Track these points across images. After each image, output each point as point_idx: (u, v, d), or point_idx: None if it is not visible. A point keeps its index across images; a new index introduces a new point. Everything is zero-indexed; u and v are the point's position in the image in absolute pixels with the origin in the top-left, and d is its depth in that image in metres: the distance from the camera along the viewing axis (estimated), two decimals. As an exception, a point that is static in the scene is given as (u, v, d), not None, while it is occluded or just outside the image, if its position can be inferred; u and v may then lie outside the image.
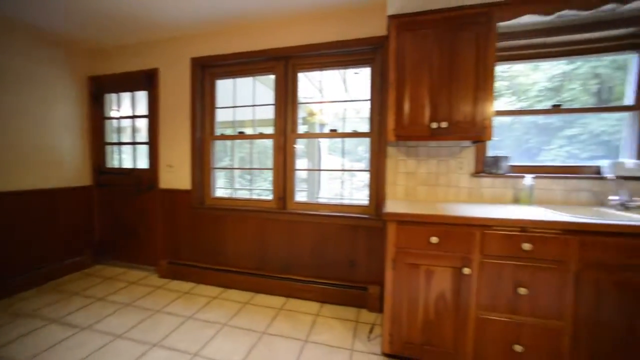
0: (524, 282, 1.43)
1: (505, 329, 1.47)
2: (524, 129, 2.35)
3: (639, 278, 1.31)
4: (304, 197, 4.20)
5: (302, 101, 2.86)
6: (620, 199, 1.69)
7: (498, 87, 2.35)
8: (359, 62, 2.35)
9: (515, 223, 1.42)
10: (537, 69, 2.31)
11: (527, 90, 2.31)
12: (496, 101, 2.28)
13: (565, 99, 2.22)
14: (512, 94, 2.34)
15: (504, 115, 2.09)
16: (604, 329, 1.37)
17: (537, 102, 2.27)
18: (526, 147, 2.31)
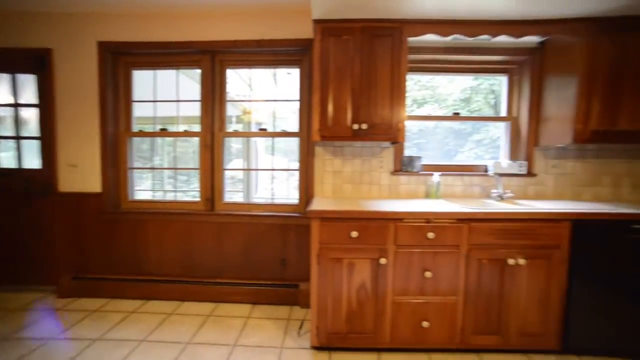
0: (429, 266, 1.64)
1: (415, 309, 1.67)
2: (444, 134, 2.70)
3: (504, 254, 1.63)
4: (240, 197, 4.07)
5: (231, 98, 2.77)
6: (498, 192, 2.07)
7: (424, 95, 2.65)
8: (288, 62, 2.38)
9: (422, 215, 1.61)
10: (452, 82, 2.66)
11: (446, 100, 2.65)
12: (422, 108, 2.59)
13: (473, 109, 2.62)
14: (434, 102, 2.66)
15: (414, 119, 2.35)
16: (483, 296, 1.66)
17: (454, 109, 2.58)
18: (446, 149, 2.65)
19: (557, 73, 2.04)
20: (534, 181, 2.25)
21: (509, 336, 1.69)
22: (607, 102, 1.86)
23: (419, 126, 2.58)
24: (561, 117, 1.99)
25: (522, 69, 2.28)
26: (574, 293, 1.67)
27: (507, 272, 1.65)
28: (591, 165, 2.25)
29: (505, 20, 1.88)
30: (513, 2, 1.68)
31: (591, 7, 1.74)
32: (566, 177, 2.25)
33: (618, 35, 1.84)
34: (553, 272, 1.66)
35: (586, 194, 2.25)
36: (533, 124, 2.23)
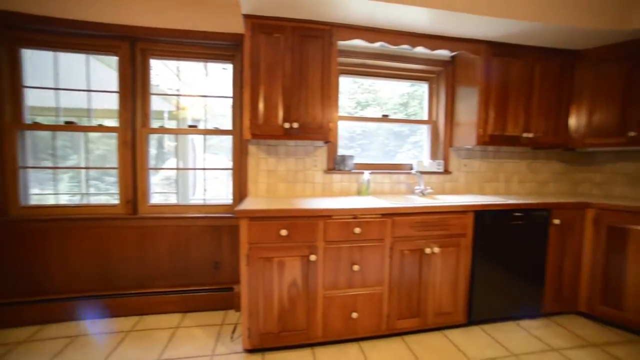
0: (357, 260, 1.73)
1: (345, 301, 1.74)
2: (385, 135, 2.85)
3: (422, 244, 1.81)
4: (176, 199, 3.78)
5: (160, 92, 2.55)
6: (420, 188, 2.29)
7: (366, 98, 2.78)
8: (220, 57, 2.27)
9: (349, 212, 1.69)
10: (392, 87, 2.81)
11: (386, 103, 2.80)
12: (365, 110, 2.69)
13: (409, 112, 2.82)
14: (376, 105, 2.78)
15: (346, 120, 2.44)
16: (405, 284, 1.82)
17: (393, 113, 2.76)
18: (387, 150, 2.79)
19: (465, 84, 2.33)
20: (450, 178, 2.54)
21: (427, 317, 1.88)
22: (499, 112, 2.20)
23: (363, 127, 2.70)
24: (468, 123, 2.28)
25: (439, 78, 2.55)
26: (476, 273, 1.93)
27: (425, 260, 1.84)
28: (491, 164, 2.63)
29: (422, 34, 2.08)
30: (426, 18, 1.87)
31: (486, 32, 2.03)
32: (474, 174, 2.60)
33: (505, 57, 2.19)
34: (461, 257, 1.90)
35: (488, 188, 2.63)
36: (448, 127, 2.51)
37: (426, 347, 1.80)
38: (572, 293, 2.14)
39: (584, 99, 2.32)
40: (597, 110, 2.27)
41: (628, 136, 2.16)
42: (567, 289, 2.13)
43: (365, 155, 2.63)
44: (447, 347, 1.81)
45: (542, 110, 2.31)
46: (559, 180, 2.81)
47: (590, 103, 2.29)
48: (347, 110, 2.61)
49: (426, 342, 1.84)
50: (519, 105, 2.25)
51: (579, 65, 2.33)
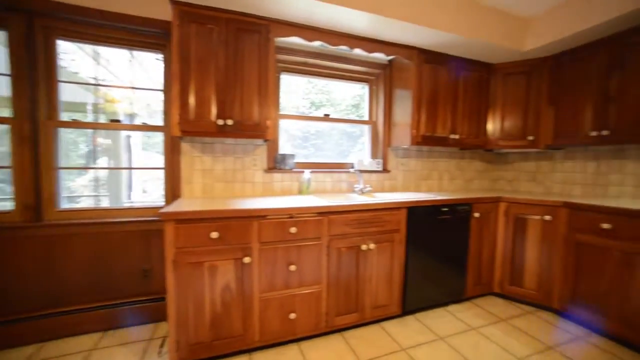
0: (294, 260, 1.71)
1: (283, 302, 1.71)
2: (339, 135, 2.85)
3: (359, 241, 1.87)
4: (107, 202, 3.37)
5: (71, 80, 2.22)
6: (360, 186, 2.37)
7: (320, 99, 2.77)
8: (150, 46, 2.06)
9: (284, 211, 1.66)
10: (344, 89, 2.85)
11: (340, 104, 2.82)
12: (319, 110, 2.66)
13: (360, 114, 2.87)
14: (330, 105, 2.79)
15: (286, 119, 2.40)
16: (343, 281, 1.86)
17: (346, 114, 2.83)
18: (341, 150, 2.81)
19: (400, 87, 2.47)
20: (389, 176, 2.67)
21: (365, 311, 1.95)
22: (430, 114, 2.38)
23: (317, 128, 2.71)
24: (404, 124, 2.43)
25: (378, 80, 2.67)
26: (409, 266, 2.06)
27: (362, 256, 1.90)
28: (426, 163, 2.84)
29: (360, 36, 2.15)
30: (362, 21, 1.93)
31: (417, 39, 2.17)
32: (411, 173, 2.78)
33: (434, 64, 2.38)
34: (395, 251, 2.00)
35: (423, 185, 2.84)
36: (387, 127, 2.64)
37: (364, 341, 1.85)
38: (489, 277, 2.42)
39: (497, 107, 2.63)
40: (506, 117, 2.60)
41: (528, 140, 2.51)
42: (485, 274, 2.40)
43: (320, 155, 2.67)
44: (383, 338, 1.89)
45: (466, 114, 2.55)
46: (481, 177, 3.16)
47: (502, 110, 2.61)
48: (301, 109, 2.62)
49: (364, 336, 1.91)
50: (447, 109, 2.46)
51: (493, 76, 2.63)
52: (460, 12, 2.12)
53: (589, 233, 1.95)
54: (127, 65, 3.13)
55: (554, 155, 2.71)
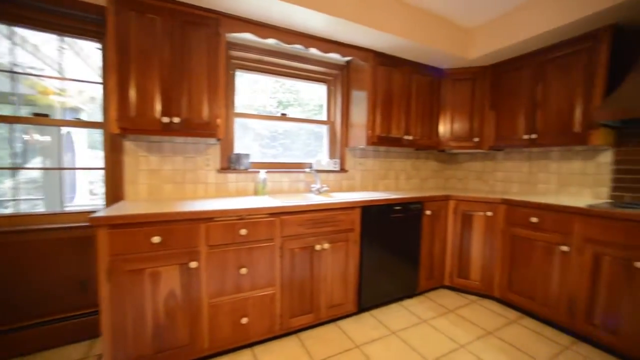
0: (245, 262, 1.66)
1: (234, 307, 1.65)
2: (307, 136, 2.80)
3: (313, 241, 1.87)
4: (42, 207, 3.01)
5: None
6: (317, 186, 2.38)
7: (287, 98, 2.71)
8: (82, 32, 1.87)
9: (234, 213, 1.61)
10: (312, 89, 2.81)
11: (308, 104, 2.79)
12: (286, 110, 2.60)
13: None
14: (298, 105, 2.75)
15: (241, 117, 2.33)
16: (297, 282, 1.85)
17: (314, 114, 2.80)
18: (308, 150, 2.78)
19: (357, 88, 2.52)
20: (346, 176, 2.72)
21: (321, 311, 1.95)
22: (385, 115, 2.46)
23: (285, 127, 2.66)
24: (360, 124, 2.48)
25: (336, 81, 2.69)
26: (364, 264, 2.10)
27: (316, 257, 1.90)
28: (383, 163, 2.93)
29: (315, 36, 2.15)
30: (317, 21, 1.94)
31: (372, 42, 2.23)
32: (368, 172, 2.85)
33: (388, 67, 2.46)
34: (350, 250, 2.03)
35: (381, 185, 2.92)
36: (344, 128, 2.68)
37: (319, 341, 1.86)
38: (440, 271, 2.55)
39: (447, 110, 2.79)
40: (455, 120, 2.77)
41: (474, 141, 2.70)
42: (436, 268, 2.53)
43: (289, 155, 2.64)
44: (339, 336, 1.91)
45: (419, 116, 2.68)
46: (435, 176, 3.33)
47: (452, 113, 2.78)
48: (268, 109, 2.57)
49: (320, 336, 1.91)
50: (401, 110, 2.56)
51: (443, 81, 2.79)
52: (412, 19, 2.22)
53: (521, 226, 2.14)
54: (60, 53, 2.83)
55: (496, 156, 2.95)
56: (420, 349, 1.78)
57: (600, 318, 1.75)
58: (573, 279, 1.87)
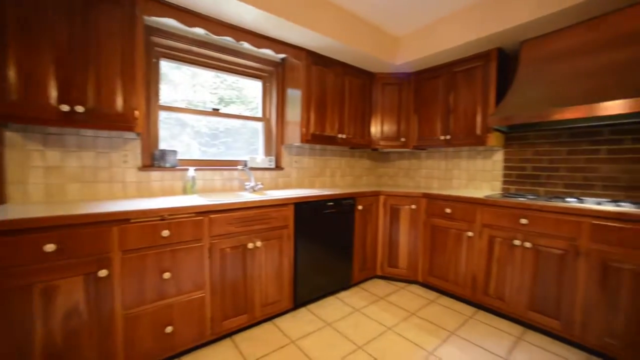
0: (168, 266, 1.53)
1: (156, 316, 1.51)
2: (249, 134, 2.66)
3: (245, 240, 1.82)
4: None
5: None
6: (251, 184, 2.33)
7: (230, 95, 2.52)
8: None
9: (154, 213, 1.47)
10: (254, 86, 2.67)
11: (252, 102, 2.66)
12: (228, 107, 2.44)
13: None
14: (241, 103, 2.61)
15: (166, 110, 2.13)
16: (229, 282, 1.78)
17: (257, 112, 2.68)
18: (252, 148, 2.65)
19: (292, 86, 2.54)
20: (282, 174, 2.71)
21: (255, 311, 1.91)
22: (319, 114, 2.53)
23: (227, 125, 2.51)
24: (295, 122, 2.50)
25: (271, 78, 2.67)
26: (299, 260, 2.13)
27: (249, 255, 1.85)
28: (319, 161, 3.01)
29: (247, 30, 2.10)
30: (251, 15, 1.89)
31: (305, 41, 2.26)
32: (304, 170, 2.89)
33: (321, 67, 2.54)
34: (284, 247, 2.04)
35: (317, 182, 3.00)
36: (280, 125, 2.67)
37: (254, 341, 1.82)
38: (372, 262, 2.74)
39: (378, 111, 3.00)
40: (385, 121, 3.00)
41: (401, 141, 2.97)
42: (369, 259, 2.70)
43: (231, 154, 2.51)
44: (274, 334, 1.90)
45: (352, 116, 2.82)
46: (369, 174, 3.55)
47: (382, 115, 3.00)
48: (208, 105, 2.40)
49: (255, 336, 1.87)
50: (335, 110, 2.66)
51: (374, 84, 2.99)
52: (344, 22, 2.32)
53: (439, 217, 2.43)
54: None
55: (420, 155, 3.28)
56: (352, 336, 1.89)
57: (493, 289, 2.09)
58: (475, 259, 2.19)
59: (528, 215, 1.91)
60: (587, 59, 1.89)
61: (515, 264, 1.98)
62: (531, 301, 1.92)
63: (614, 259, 1.60)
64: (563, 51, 2.01)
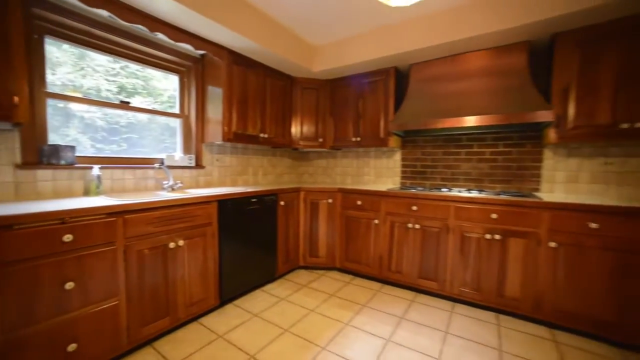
0: (72, 275, 1.36)
1: (55, 334, 1.33)
2: (160, 130, 2.41)
3: (165, 239, 1.75)
4: None
5: None
6: (169, 183, 2.21)
7: (134, 84, 2.21)
8: None
9: (53, 215, 1.29)
10: (167, 78, 2.41)
11: (161, 95, 2.41)
12: (132, 98, 2.17)
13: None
14: (148, 94, 2.34)
15: (58, 99, 1.85)
16: (148, 286, 1.69)
17: (169, 106, 2.48)
18: (164, 146, 2.42)
19: (213, 84, 2.50)
20: (203, 172, 2.64)
21: (179, 312, 1.85)
22: (241, 113, 2.57)
23: (130, 119, 2.21)
24: (216, 120, 2.47)
25: (190, 73, 2.56)
26: (223, 257, 2.15)
27: (170, 255, 1.79)
28: (241, 160, 3.03)
29: (164, 21, 1.99)
30: (167, 6, 1.80)
31: (226, 40, 2.27)
32: (226, 169, 2.87)
33: (243, 67, 2.59)
34: (208, 245, 2.03)
35: (240, 180, 3.02)
36: (200, 123, 2.59)
37: (178, 343, 1.77)
38: (295, 254, 2.93)
39: (298, 113, 3.21)
40: (305, 122, 3.23)
41: (319, 141, 3.25)
42: (292, 252, 2.89)
43: (136, 152, 2.26)
44: (200, 333, 1.88)
45: (273, 117, 2.95)
46: (290, 172, 3.74)
47: (301, 116, 3.22)
48: (104, 94, 2.09)
49: (179, 338, 1.81)
50: (257, 110, 2.74)
51: (294, 87, 3.19)
52: (266, 27, 2.42)
53: (352, 209, 2.79)
54: None
55: (336, 154, 3.65)
56: (279, 322, 2.03)
57: (394, 265, 2.56)
58: (381, 242, 2.63)
59: (417, 203, 2.42)
60: (452, 84, 2.51)
61: (409, 243, 2.47)
62: (420, 271, 2.43)
63: (467, 231, 2.20)
64: (437, 76, 2.61)
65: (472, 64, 2.45)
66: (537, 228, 1.96)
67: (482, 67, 2.41)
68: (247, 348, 1.74)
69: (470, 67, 2.46)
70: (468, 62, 2.47)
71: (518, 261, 2.04)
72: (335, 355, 1.69)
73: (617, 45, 1.91)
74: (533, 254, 1.98)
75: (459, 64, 2.51)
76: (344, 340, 1.84)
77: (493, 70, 2.36)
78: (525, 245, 2.01)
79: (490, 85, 2.33)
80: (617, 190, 2.18)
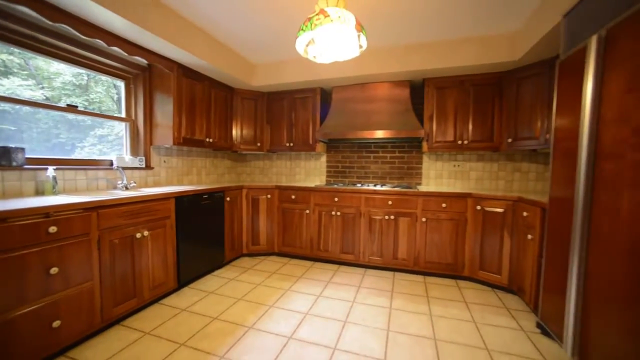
0: (54, 262, 1.58)
1: (42, 313, 1.53)
2: (52, 123, 2.24)
3: (132, 230, 2.03)
4: None
5: None
6: (123, 182, 2.41)
7: (4, 60, 1.95)
8: None
9: (39, 211, 1.50)
10: (65, 65, 2.25)
11: (52, 79, 2.17)
12: (5, 79, 1.97)
13: (92, 99, 2.53)
14: (30, 77, 2.05)
15: (4, 102, 1.93)
16: (119, 271, 1.95)
17: (65, 94, 2.26)
18: (57, 142, 2.26)
19: (162, 92, 2.75)
20: (152, 173, 2.85)
21: (144, 294, 2.13)
22: (189, 120, 2.89)
23: (2, 107, 1.91)
24: (166, 125, 2.73)
25: (137, 80, 2.74)
26: (180, 246, 2.47)
27: (137, 244, 2.06)
28: (186, 161, 3.29)
29: (120, 37, 2.20)
30: (121, 24, 2.05)
31: (178, 56, 2.58)
32: (173, 169, 3.11)
33: (192, 79, 2.91)
34: (168, 235, 2.33)
35: (185, 180, 3.28)
36: (148, 127, 2.79)
37: (146, 320, 2.05)
38: (239, 243, 3.36)
39: (238, 120, 3.63)
40: (244, 128, 3.67)
41: (257, 145, 3.74)
42: (237, 241, 3.31)
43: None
44: (165, 310, 2.19)
45: (217, 123, 3.30)
46: (230, 172, 4.10)
47: (241, 123, 3.65)
48: None
49: (145, 316, 2.09)
50: (203, 116, 3.07)
51: (235, 97, 3.60)
52: (211, 46, 2.79)
53: (287, 202, 3.38)
54: None
55: (272, 156, 4.17)
56: (232, 295, 2.48)
57: (322, 245, 3.26)
58: (311, 228, 3.29)
59: (338, 195, 3.16)
60: (363, 104, 3.35)
61: (333, 227, 3.20)
62: (341, 248, 3.19)
63: (373, 214, 3.05)
64: (352, 98, 3.42)
65: (377, 91, 3.33)
66: (415, 209, 2.92)
67: (383, 94, 3.31)
68: (209, 314, 2.16)
69: (377, 93, 3.33)
70: (375, 89, 3.34)
71: (405, 233, 2.97)
72: (281, 310, 2.26)
73: (455, 90, 3.01)
74: (413, 227, 2.93)
75: (367, 90, 3.37)
76: (287, 300, 2.42)
77: (390, 98, 3.28)
78: (408, 222, 2.95)
79: (388, 108, 3.24)
80: (461, 183, 3.35)
